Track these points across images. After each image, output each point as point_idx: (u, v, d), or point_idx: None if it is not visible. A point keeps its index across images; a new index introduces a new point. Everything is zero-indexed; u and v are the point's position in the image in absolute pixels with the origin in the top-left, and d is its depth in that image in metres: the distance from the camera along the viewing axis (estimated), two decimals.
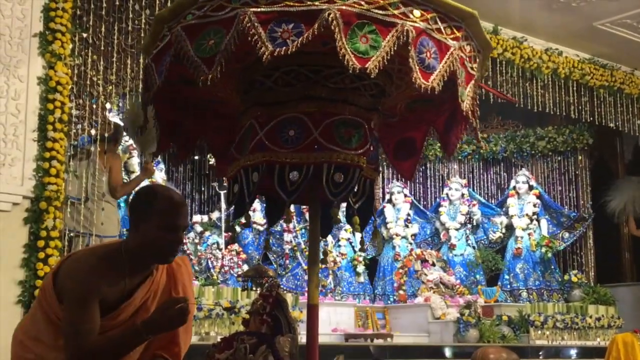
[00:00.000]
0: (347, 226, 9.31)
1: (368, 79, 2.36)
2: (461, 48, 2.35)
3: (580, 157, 10.91)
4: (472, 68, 2.42)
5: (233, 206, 2.44)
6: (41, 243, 5.52)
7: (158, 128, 2.71)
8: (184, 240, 9.24)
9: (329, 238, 9.08)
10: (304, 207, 8.53)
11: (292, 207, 2.57)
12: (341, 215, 2.63)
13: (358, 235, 3.08)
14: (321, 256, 2.56)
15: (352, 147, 2.35)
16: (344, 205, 2.55)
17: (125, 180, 7.93)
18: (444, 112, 2.66)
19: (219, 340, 2.75)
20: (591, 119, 9.46)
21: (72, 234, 6.06)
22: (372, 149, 2.43)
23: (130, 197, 3.07)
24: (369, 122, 2.43)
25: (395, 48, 2.17)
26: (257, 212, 9.47)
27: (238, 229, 9.45)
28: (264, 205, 3.04)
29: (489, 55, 2.63)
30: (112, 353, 2.70)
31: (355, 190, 2.40)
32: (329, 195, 2.32)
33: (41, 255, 5.49)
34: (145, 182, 7.91)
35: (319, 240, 2.52)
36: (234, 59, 2.33)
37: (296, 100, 2.39)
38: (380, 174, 9.04)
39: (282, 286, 8.58)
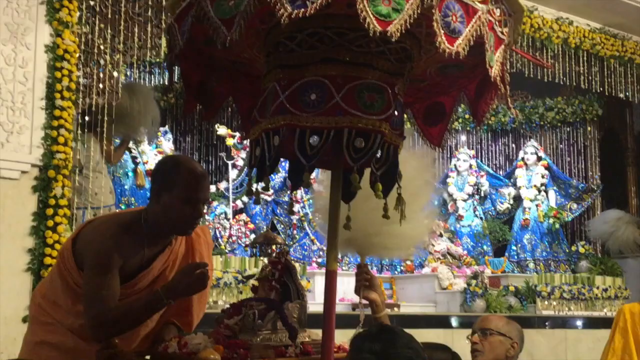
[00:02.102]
0: None
1: (394, 43, 2.30)
2: (490, 11, 2.28)
3: (589, 128, 10.83)
4: (502, 32, 2.35)
5: (255, 169, 2.41)
6: (50, 211, 5.53)
7: (184, 88, 2.70)
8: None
9: None
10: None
11: (314, 173, 2.54)
12: None
13: None
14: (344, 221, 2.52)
15: (374, 112, 2.30)
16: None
17: (133, 150, 7.95)
18: (475, 78, 2.60)
19: (227, 306, 2.75)
20: (601, 89, 9.38)
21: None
22: (396, 114, 2.37)
23: (154, 167, 3.11)
24: (392, 87, 2.37)
25: (419, 11, 2.11)
26: None
27: (245, 199, 9.47)
28: (286, 169, 3.03)
29: (522, 20, 2.56)
30: (131, 318, 2.71)
31: (379, 156, 2.36)
32: (349, 160, 2.27)
33: (50, 223, 5.50)
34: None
35: (339, 206, 2.48)
36: (258, 19, 2.29)
37: (318, 63, 2.34)
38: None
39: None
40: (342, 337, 2.64)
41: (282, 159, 2.68)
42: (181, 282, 2.68)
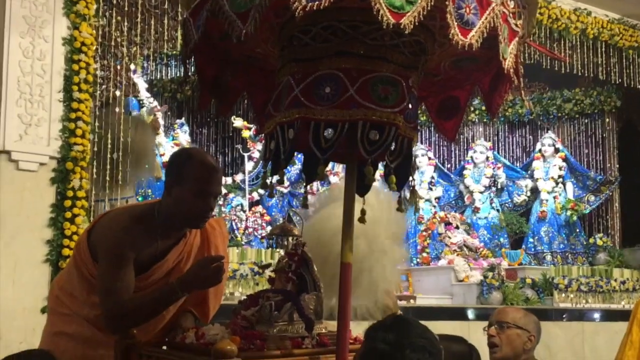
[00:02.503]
0: None
1: (408, 36, 2.30)
2: (504, 3, 2.28)
3: (607, 120, 10.74)
4: (515, 25, 2.35)
5: (270, 162, 2.42)
6: (68, 203, 5.57)
7: (198, 83, 2.71)
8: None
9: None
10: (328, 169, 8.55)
11: (329, 166, 2.56)
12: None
13: None
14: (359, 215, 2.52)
15: (388, 105, 2.30)
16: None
17: None
18: (490, 71, 2.59)
19: (244, 297, 2.76)
20: (619, 80, 9.30)
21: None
22: (410, 107, 2.37)
23: (168, 159, 3.12)
24: (407, 80, 2.37)
25: (432, 3, 2.11)
26: None
27: (261, 191, 9.49)
28: (302, 162, 3.03)
29: (536, 12, 2.54)
30: (146, 310, 2.72)
31: (393, 149, 2.35)
32: (363, 153, 2.28)
33: (68, 214, 5.54)
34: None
35: (354, 198, 2.48)
36: (273, 13, 2.30)
37: (332, 57, 2.35)
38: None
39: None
40: (359, 329, 2.64)
41: (297, 152, 2.68)
42: (197, 275, 2.67)
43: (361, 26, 2.30)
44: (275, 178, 2.42)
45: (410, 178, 2.42)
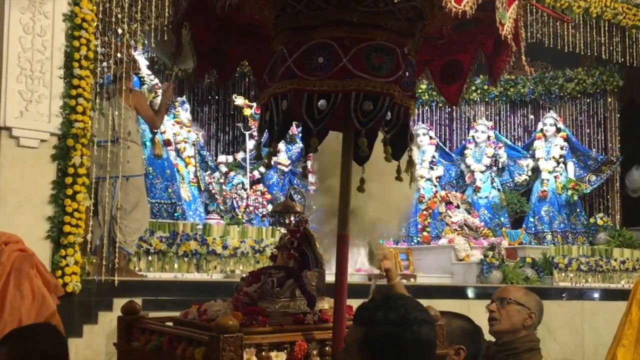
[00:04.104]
0: None
1: (404, 2, 2.25)
2: None
3: (609, 100, 10.71)
4: None
5: (265, 133, 2.39)
6: (69, 180, 5.56)
7: (194, 53, 2.67)
8: (209, 180, 9.31)
9: None
10: None
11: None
12: None
13: None
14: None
15: (382, 75, 2.26)
16: None
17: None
18: (493, 34, 2.51)
19: (246, 274, 2.76)
20: (622, 60, 9.26)
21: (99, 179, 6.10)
22: (407, 75, 2.33)
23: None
24: (402, 48, 2.32)
25: None
26: (282, 153, 9.48)
27: (262, 170, 9.48)
28: (299, 134, 2.99)
29: None
30: None
31: (389, 118, 2.32)
32: (357, 124, 2.24)
33: (69, 191, 5.54)
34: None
35: (351, 168, 2.43)
36: None
37: (325, 25, 2.30)
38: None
39: None
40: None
41: (296, 123, 2.65)
42: None
43: None
44: (269, 150, 2.38)
45: (409, 148, 2.38)
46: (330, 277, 2.56)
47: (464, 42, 2.68)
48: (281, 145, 8.98)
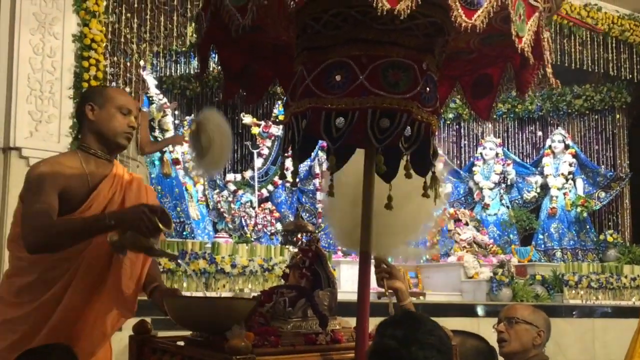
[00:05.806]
0: None
1: (422, 18, 2.25)
2: None
3: (618, 116, 10.68)
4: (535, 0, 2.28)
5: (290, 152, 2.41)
6: None
7: (223, 75, 2.72)
8: (217, 198, 9.31)
9: None
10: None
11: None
12: None
13: None
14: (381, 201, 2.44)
15: (399, 91, 2.26)
16: None
17: (160, 139, 7.99)
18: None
19: (257, 293, 2.75)
20: (630, 76, 9.27)
21: None
22: (427, 90, 2.32)
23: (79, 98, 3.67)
24: (420, 64, 2.31)
25: None
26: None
27: (271, 188, 9.48)
28: (311, 158, 2.98)
29: None
30: (70, 234, 2.77)
31: (408, 135, 2.29)
32: (374, 141, 2.23)
33: None
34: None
35: (373, 183, 2.43)
36: (284, 1, 2.29)
37: (342, 44, 2.30)
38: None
39: None
40: (371, 326, 2.63)
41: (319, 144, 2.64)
42: (130, 211, 2.77)
43: (370, 11, 2.21)
44: (290, 170, 2.40)
45: (432, 164, 2.36)
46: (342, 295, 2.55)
47: (493, 56, 2.66)
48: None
